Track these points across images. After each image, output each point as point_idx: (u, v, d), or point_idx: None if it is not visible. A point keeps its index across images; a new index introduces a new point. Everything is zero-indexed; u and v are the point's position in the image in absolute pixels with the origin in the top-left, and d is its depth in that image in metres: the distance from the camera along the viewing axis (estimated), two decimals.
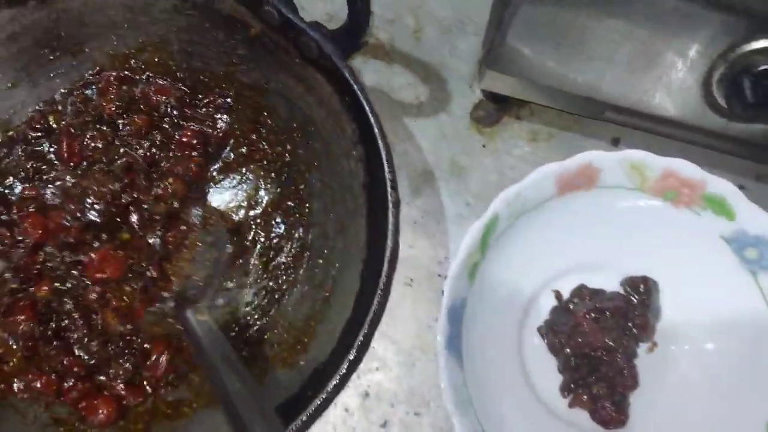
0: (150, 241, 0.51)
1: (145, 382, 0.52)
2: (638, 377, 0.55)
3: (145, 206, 0.52)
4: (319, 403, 0.43)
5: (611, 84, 0.51)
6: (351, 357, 0.44)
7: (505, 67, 0.52)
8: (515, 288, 0.56)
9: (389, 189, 0.43)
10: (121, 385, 0.51)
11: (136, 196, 0.51)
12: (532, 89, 0.53)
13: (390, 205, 0.43)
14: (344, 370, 0.44)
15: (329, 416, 0.55)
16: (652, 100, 0.52)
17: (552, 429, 0.54)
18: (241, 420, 0.40)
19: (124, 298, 0.50)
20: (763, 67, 0.45)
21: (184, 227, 0.53)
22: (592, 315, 0.54)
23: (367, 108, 0.42)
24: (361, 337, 0.44)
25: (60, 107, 0.52)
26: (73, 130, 0.51)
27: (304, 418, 0.43)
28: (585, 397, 0.54)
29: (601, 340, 0.54)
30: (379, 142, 0.43)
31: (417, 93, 0.61)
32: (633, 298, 0.55)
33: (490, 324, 0.54)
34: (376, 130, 0.42)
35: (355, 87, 0.42)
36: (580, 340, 0.54)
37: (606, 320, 0.54)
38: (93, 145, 0.51)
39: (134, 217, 0.51)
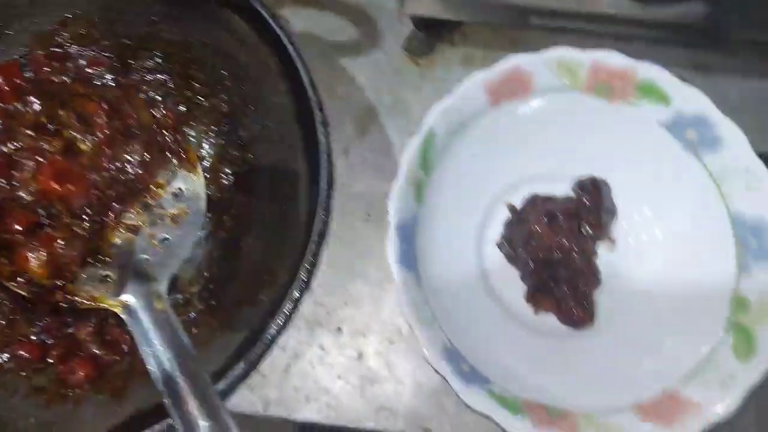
0: (113, 166, 0.42)
1: (122, 342, 0.54)
2: (599, 275, 0.57)
3: (130, 120, 0.44)
4: (279, 325, 0.45)
5: None
6: (303, 278, 0.46)
7: None
8: (467, 205, 0.58)
9: (315, 110, 0.45)
10: (95, 346, 0.53)
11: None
12: (453, 5, 0.55)
13: (319, 125, 0.45)
14: (297, 292, 0.46)
15: (306, 356, 0.57)
16: None
17: (522, 337, 0.56)
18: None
19: (62, 243, 0.40)
20: None
21: (163, 170, 0.44)
22: (545, 219, 0.56)
23: (279, 33, 0.45)
24: (309, 257, 0.46)
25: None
26: None
27: (268, 339, 0.45)
28: (549, 301, 0.56)
29: (556, 241, 0.55)
30: (298, 64, 0.45)
31: (350, 35, 0.63)
32: (585, 200, 0.57)
33: (447, 243, 0.56)
34: (292, 53, 0.45)
35: (265, 14, 0.45)
36: (535, 245, 0.56)
37: (559, 222, 0.56)
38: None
39: (100, 120, 0.42)
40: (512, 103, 0.56)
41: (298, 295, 0.46)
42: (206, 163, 0.57)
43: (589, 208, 0.57)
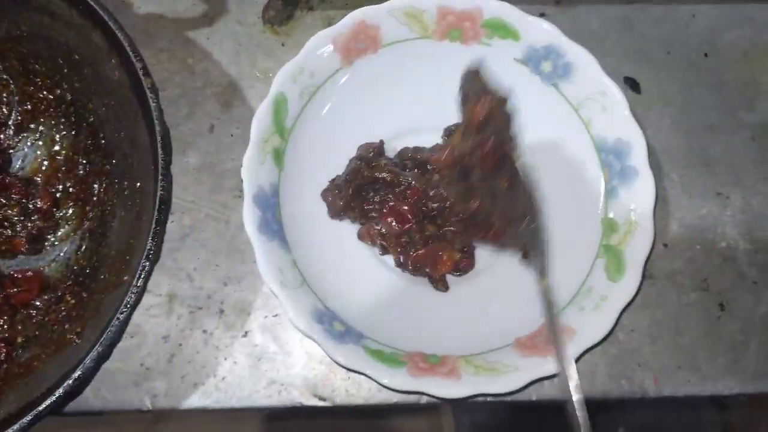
0: None
1: None
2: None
3: None
4: (134, 292, 0.46)
5: None
6: (149, 246, 0.47)
7: None
8: (336, 167, 0.58)
9: (141, 76, 0.46)
10: None
11: None
12: None
13: (148, 92, 0.46)
14: (145, 262, 0.47)
15: (189, 343, 0.57)
16: None
17: (403, 290, 0.57)
18: None
19: None
20: None
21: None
22: (417, 171, 0.57)
23: (93, 4, 0.46)
24: (153, 226, 0.47)
25: None
26: None
27: (125, 311, 0.46)
28: None
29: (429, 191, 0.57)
30: (118, 33, 0.46)
31: (204, 11, 0.64)
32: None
33: (317, 206, 0.57)
34: (109, 23, 0.46)
35: None
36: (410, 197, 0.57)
37: (431, 172, 0.57)
38: None
39: None
40: (365, 59, 0.57)
41: (147, 265, 0.47)
42: (61, 158, 0.58)
43: None
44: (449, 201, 0.56)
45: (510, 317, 0.54)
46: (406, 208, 0.55)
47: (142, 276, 0.46)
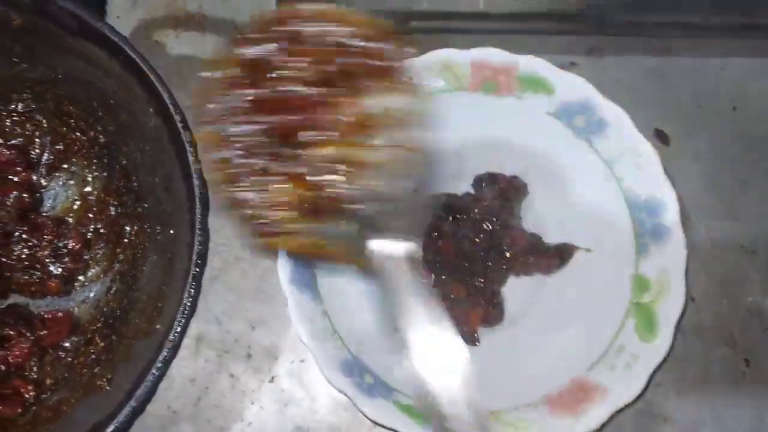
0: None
1: (24, 393, 0.54)
2: (507, 273, 0.58)
3: None
4: (169, 348, 0.46)
5: None
6: (186, 303, 0.47)
7: None
8: None
9: (181, 130, 0.46)
10: None
11: None
12: None
13: (186, 146, 0.46)
14: (181, 318, 0.46)
15: (217, 386, 0.57)
16: None
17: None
18: None
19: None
20: None
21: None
22: (449, 219, 0.57)
23: (134, 56, 0.46)
24: (193, 270, 0.47)
25: None
26: None
27: (156, 372, 0.46)
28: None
29: (460, 240, 0.56)
30: (158, 85, 0.46)
31: None
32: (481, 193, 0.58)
33: None
34: (150, 75, 0.46)
35: (116, 40, 0.46)
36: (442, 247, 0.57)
37: (459, 221, 0.57)
38: None
39: None
40: None
41: (183, 320, 0.46)
42: (92, 199, 0.58)
43: (491, 205, 0.58)
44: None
45: (540, 371, 0.53)
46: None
47: (178, 332, 0.46)
